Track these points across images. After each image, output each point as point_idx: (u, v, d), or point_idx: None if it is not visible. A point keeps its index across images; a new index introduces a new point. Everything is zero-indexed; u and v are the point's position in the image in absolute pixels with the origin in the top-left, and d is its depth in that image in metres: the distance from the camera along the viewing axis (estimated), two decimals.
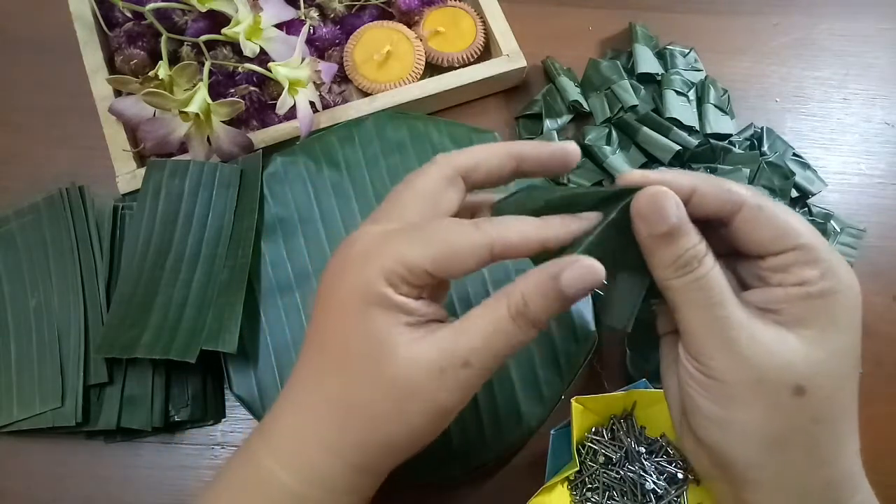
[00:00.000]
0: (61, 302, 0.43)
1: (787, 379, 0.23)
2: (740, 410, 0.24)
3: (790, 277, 0.24)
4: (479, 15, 0.53)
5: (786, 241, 0.24)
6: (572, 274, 0.24)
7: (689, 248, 0.24)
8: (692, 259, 0.24)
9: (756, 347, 0.24)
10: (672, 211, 0.24)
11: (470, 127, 0.46)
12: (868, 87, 0.55)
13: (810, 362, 0.24)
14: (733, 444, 0.24)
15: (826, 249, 0.25)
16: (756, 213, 0.25)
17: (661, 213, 0.24)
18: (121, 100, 0.45)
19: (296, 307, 0.42)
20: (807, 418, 0.24)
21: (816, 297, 0.24)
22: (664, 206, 0.24)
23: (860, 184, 0.52)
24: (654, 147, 0.48)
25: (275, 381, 0.40)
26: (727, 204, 0.25)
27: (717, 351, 0.24)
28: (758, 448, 0.24)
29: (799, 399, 0.23)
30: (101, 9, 0.49)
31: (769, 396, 0.23)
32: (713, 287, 0.24)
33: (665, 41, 0.54)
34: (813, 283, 0.24)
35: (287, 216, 0.43)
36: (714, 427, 0.25)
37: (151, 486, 0.42)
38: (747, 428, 0.24)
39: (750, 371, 0.23)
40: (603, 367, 0.45)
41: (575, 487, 0.40)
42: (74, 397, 0.41)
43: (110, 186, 0.46)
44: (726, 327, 0.24)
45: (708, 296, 0.24)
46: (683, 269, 0.24)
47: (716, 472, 0.26)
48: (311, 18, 0.51)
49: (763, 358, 0.23)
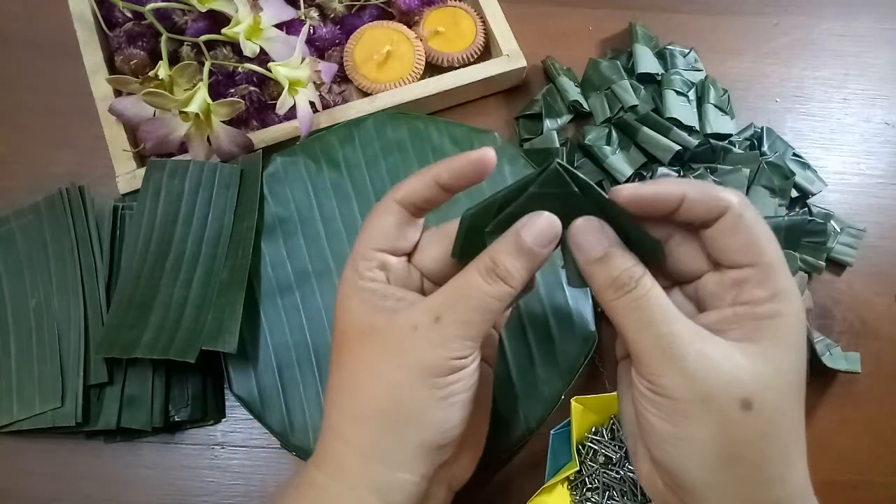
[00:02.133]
0: (61, 302, 0.43)
1: (734, 393, 0.24)
2: (691, 427, 0.24)
3: (742, 296, 0.25)
4: (479, 15, 0.53)
5: (750, 255, 0.25)
6: (529, 228, 0.26)
7: (624, 269, 0.26)
8: (628, 279, 0.25)
9: (703, 363, 0.24)
10: (601, 238, 0.26)
11: (470, 127, 0.46)
12: (868, 87, 0.55)
13: (756, 377, 0.24)
14: (686, 462, 0.25)
15: (783, 275, 0.25)
16: (736, 220, 0.26)
17: (590, 243, 0.26)
18: (121, 100, 0.45)
19: (296, 307, 0.42)
20: (755, 433, 0.24)
21: (763, 317, 0.25)
22: (594, 234, 0.26)
23: (860, 184, 0.52)
24: (654, 147, 0.48)
25: (275, 381, 0.40)
26: (714, 209, 0.26)
27: (665, 368, 0.24)
28: (710, 465, 0.24)
29: (746, 413, 0.24)
30: (101, 9, 0.49)
31: (718, 412, 0.24)
32: (653, 306, 0.25)
33: (665, 41, 0.54)
34: (761, 304, 0.25)
35: (287, 216, 0.43)
36: (668, 446, 0.25)
37: (151, 486, 0.42)
38: (699, 445, 0.24)
39: (698, 386, 0.24)
40: (603, 367, 0.45)
41: (575, 487, 0.40)
42: (74, 397, 0.41)
43: (110, 186, 0.46)
44: (672, 344, 0.24)
45: (650, 314, 0.25)
46: (621, 289, 0.25)
47: (671, 498, 0.26)
48: (311, 18, 0.51)
49: (710, 373, 0.24)
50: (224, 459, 0.43)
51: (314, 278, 0.42)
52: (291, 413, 0.40)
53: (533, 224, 0.26)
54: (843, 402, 0.46)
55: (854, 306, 0.48)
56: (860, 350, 0.46)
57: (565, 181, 0.26)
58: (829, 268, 0.49)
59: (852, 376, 0.46)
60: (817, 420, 0.45)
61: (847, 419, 0.45)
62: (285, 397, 0.40)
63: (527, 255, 0.26)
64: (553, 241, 0.27)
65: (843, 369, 0.45)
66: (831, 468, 0.44)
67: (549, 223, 0.26)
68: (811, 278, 0.48)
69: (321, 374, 0.40)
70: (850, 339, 0.47)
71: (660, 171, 0.48)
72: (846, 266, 0.49)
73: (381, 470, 0.27)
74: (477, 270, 0.27)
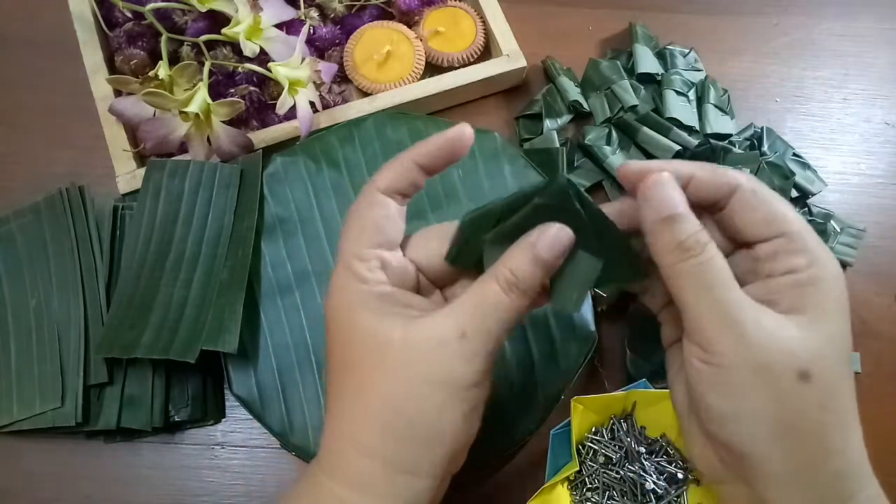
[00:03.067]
0: (61, 302, 0.43)
1: (791, 364, 0.24)
2: (748, 399, 0.24)
3: (779, 266, 0.25)
4: (479, 15, 0.53)
5: (775, 226, 0.25)
6: (544, 239, 0.26)
7: (693, 232, 0.25)
8: (695, 244, 0.25)
9: (761, 331, 0.24)
10: (677, 196, 0.25)
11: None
12: (868, 87, 0.55)
13: (811, 348, 0.24)
14: (745, 437, 0.24)
15: (812, 238, 0.25)
16: (750, 195, 0.26)
17: (667, 199, 0.25)
18: (121, 100, 0.45)
19: (295, 307, 0.42)
20: (813, 404, 0.24)
21: (806, 284, 0.25)
22: (669, 191, 0.25)
23: (860, 184, 0.52)
24: (654, 147, 0.48)
25: (274, 381, 0.40)
26: (723, 187, 0.26)
27: (722, 334, 0.24)
28: (769, 437, 0.24)
29: (804, 385, 0.24)
30: (101, 9, 0.49)
31: (775, 383, 0.24)
32: (716, 270, 0.25)
33: (665, 41, 0.54)
34: (801, 271, 0.25)
35: (287, 216, 0.43)
36: (725, 421, 0.25)
37: (151, 486, 0.42)
38: (757, 417, 0.24)
39: (755, 355, 0.24)
40: (603, 367, 0.45)
41: (575, 487, 0.40)
42: (74, 397, 0.41)
43: (110, 186, 0.46)
44: (730, 310, 0.24)
45: (712, 279, 0.24)
46: (687, 252, 0.25)
47: (729, 474, 0.26)
48: (311, 18, 0.51)
49: (767, 342, 0.24)
50: (224, 459, 0.43)
51: (314, 278, 0.42)
52: (291, 413, 0.40)
53: (548, 235, 0.26)
54: None
55: (854, 306, 0.47)
56: (860, 350, 0.46)
57: (569, 197, 0.26)
58: None
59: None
60: None
61: None
62: (285, 397, 0.40)
63: (542, 266, 0.26)
64: (566, 252, 0.27)
65: None
66: None
67: (564, 234, 0.26)
68: None
69: (321, 374, 0.40)
70: None
71: None
72: (846, 266, 0.49)
73: (410, 480, 0.27)
74: (497, 283, 0.26)
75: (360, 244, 0.28)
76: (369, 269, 0.28)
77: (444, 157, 0.29)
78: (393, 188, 0.28)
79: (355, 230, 0.28)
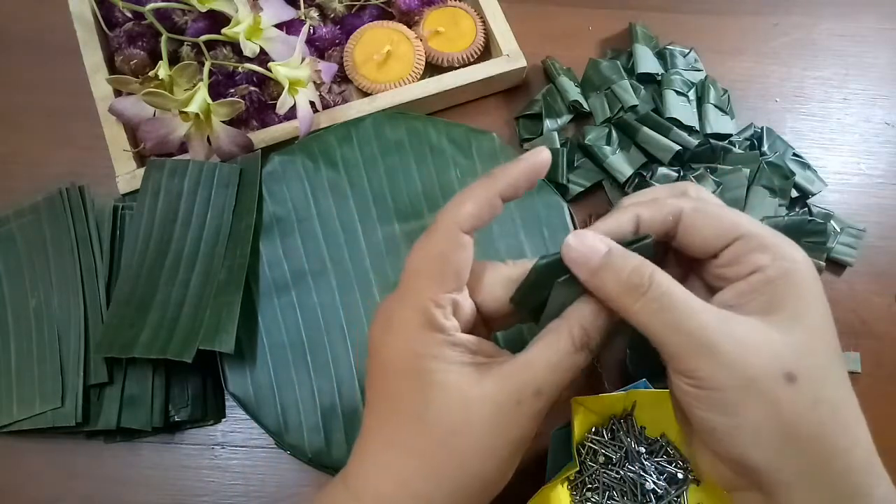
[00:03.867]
0: (61, 302, 0.43)
1: (775, 369, 0.23)
2: (742, 413, 0.24)
3: (744, 268, 0.25)
4: (479, 15, 0.53)
5: (728, 233, 0.25)
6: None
7: (630, 268, 0.25)
8: (639, 279, 0.25)
9: (737, 348, 0.23)
10: (596, 243, 0.26)
11: (468, 127, 0.46)
12: (868, 87, 0.55)
13: (793, 347, 0.24)
14: (749, 450, 0.24)
15: (769, 234, 0.25)
16: (693, 216, 0.26)
17: (585, 252, 0.26)
18: (121, 100, 0.45)
19: (292, 306, 0.42)
20: (806, 404, 0.23)
21: (775, 279, 0.24)
22: (586, 244, 0.26)
23: (860, 184, 0.52)
24: (654, 147, 0.48)
25: (270, 381, 0.40)
26: (668, 217, 0.26)
27: (701, 362, 0.24)
28: (773, 447, 0.24)
29: (793, 386, 0.23)
30: (101, 9, 0.49)
31: (764, 392, 0.23)
32: (675, 301, 0.24)
33: (665, 41, 0.54)
34: (767, 267, 0.25)
35: (284, 215, 0.43)
36: (727, 438, 0.24)
37: (151, 486, 0.42)
38: (756, 429, 0.24)
39: (740, 372, 0.23)
40: (603, 367, 0.45)
41: (575, 487, 0.40)
42: (74, 397, 0.41)
43: (110, 186, 0.46)
44: (703, 337, 0.24)
45: (673, 311, 0.24)
46: (635, 291, 0.25)
47: (743, 482, 0.26)
48: (311, 18, 0.51)
49: (748, 356, 0.23)
50: (224, 459, 0.43)
51: (311, 278, 0.42)
52: (286, 412, 0.40)
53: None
54: None
55: (854, 306, 0.48)
56: (860, 350, 0.46)
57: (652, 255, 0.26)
58: (829, 268, 0.49)
59: (852, 376, 0.45)
60: None
61: None
62: (280, 396, 0.40)
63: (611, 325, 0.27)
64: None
65: None
66: None
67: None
68: None
69: (316, 373, 0.40)
70: (849, 339, 0.47)
71: (660, 170, 0.48)
72: (846, 266, 0.49)
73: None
74: (571, 340, 0.26)
75: (440, 289, 0.27)
76: (445, 316, 0.27)
77: (526, 186, 0.28)
78: (475, 225, 0.27)
79: (436, 271, 0.27)
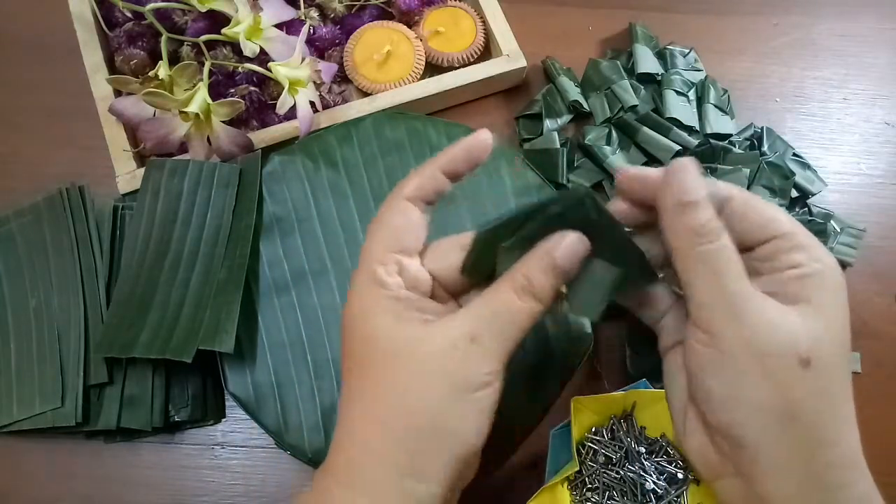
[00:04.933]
0: (61, 302, 0.43)
1: (793, 351, 0.24)
2: (749, 386, 0.25)
3: (781, 263, 0.26)
4: (479, 15, 0.53)
5: (771, 229, 0.26)
6: (561, 247, 0.27)
7: (709, 219, 0.26)
8: (711, 231, 0.26)
9: (763, 320, 0.25)
10: (698, 184, 0.26)
11: (468, 127, 0.46)
12: (868, 87, 0.55)
13: (812, 335, 0.25)
14: (745, 423, 0.25)
15: (807, 235, 0.27)
16: (742, 205, 0.27)
17: (688, 184, 0.26)
18: (121, 100, 0.45)
19: (292, 306, 0.42)
20: (812, 391, 0.24)
21: (807, 276, 0.26)
22: (691, 178, 0.26)
23: (860, 184, 0.52)
24: (654, 147, 0.48)
25: (270, 380, 0.40)
26: (716, 197, 0.27)
27: (727, 320, 0.25)
28: (768, 424, 0.25)
29: (805, 371, 0.24)
30: (101, 9, 0.49)
31: (778, 369, 0.24)
32: (728, 258, 0.25)
33: (665, 41, 0.54)
34: (804, 265, 0.26)
35: (284, 215, 0.43)
36: (724, 407, 0.25)
37: (151, 486, 0.42)
38: (756, 404, 0.25)
39: (758, 342, 0.25)
40: (603, 367, 0.45)
41: (575, 487, 0.40)
42: (74, 397, 0.41)
43: (110, 186, 0.46)
44: (737, 297, 0.25)
45: (723, 266, 0.25)
46: (703, 237, 0.26)
47: (726, 467, 0.26)
48: (311, 18, 0.51)
49: (770, 329, 0.25)
50: (224, 459, 0.43)
51: (311, 277, 0.42)
52: (286, 411, 0.40)
53: (564, 243, 0.27)
54: None
55: (854, 306, 0.47)
56: (860, 350, 0.46)
57: (587, 207, 0.26)
58: None
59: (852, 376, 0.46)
60: None
61: None
62: (280, 396, 0.40)
63: (558, 274, 0.27)
64: (581, 261, 0.27)
65: None
66: None
67: (580, 241, 0.27)
68: None
69: (316, 372, 0.40)
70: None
71: None
72: (846, 266, 0.49)
73: (416, 485, 0.27)
74: (512, 289, 0.27)
75: (381, 248, 0.29)
76: (388, 273, 0.28)
77: (465, 162, 0.29)
78: (418, 195, 0.29)
79: (377, 235, 0.29)
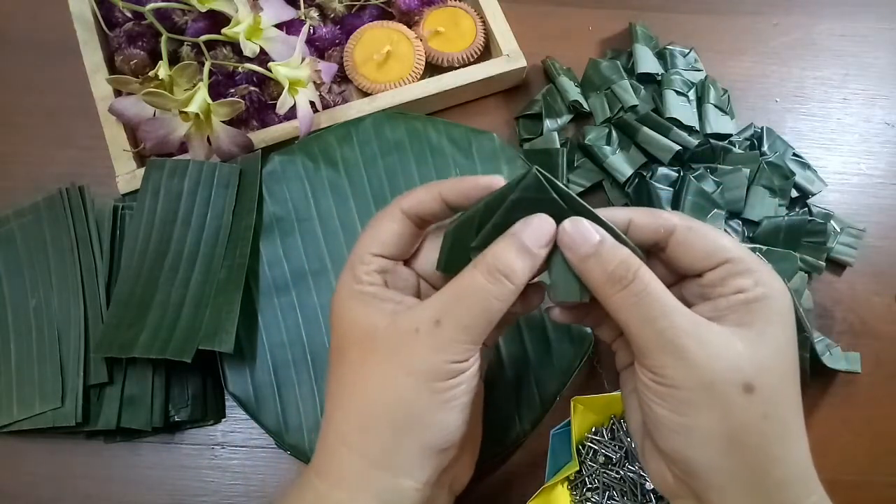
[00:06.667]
0: (61, 302, 0.43)
1: (736, 379, 0.25)
2: (696, 414, 0.25)
3: (727, 288, 0.26)
4: (479, 15, 0.53)
5: (717, 255, 0.27)
6: (526, 229, 0.27)
7: (619, 261, 0.26)
8: (625, 271, 0.26)
9: (704, 352, 0.25)
10: (591, 232, 0.26)
11: (468, 127, 0.46)
12: (868, 87, 0.55)
13: (755, 361, 0.25)
14: (695, 450, 0.25)
15: (754, 260, 0.27)
16: (687, 233, 0.27)
17: (582, 235, 0.26)
18: (121, 100, 0.45)
19: (292, 306, 0.42)
20: (757, 415, 0.25)
21: (753, 301, 0.26)
22: (583, 229, 0.26)
23: (860, 184, 0.52)
24: (654, 147, 0.48)
25: (270, 380, 0.40)
26: (660, 229, 0.27)
27: (668, 359, 0.25)
28: (715, 451, 0.25)
29: (749, 397, 0.25)
30: (101, 9, 0.49)
31: (722, 397, 0.25)
32: (653, 299, 0.25)
33: (665, 41, 0.54)
34: (749, 290, 0.26)
35: (284, 215, 0.43)
36: (675, 435, 0.26)
37: (151, 486, 0.42)
38: (704, 431, 0.25)
39: (701, 375, 0.25)
40: (603, 367, 0.45)
41: (575, 487, 0.40)
42: (74, 397, 0.41)
43: (110, 186, 0.46)
44: (673, 336, 0.25)
45: (649, 308, 0.25)
46: (619, 282, 0.26)
47: (682, 489, 0.27)
48: (311, 18, 0.51)
49: (712, 361, 0.25)
50: (224, 459, 0.43)
51: (311, 277, 0.42)
52: (286, 411, 0.40)
53: (529, 225, 0.27)
54: (844, 402, 0.46)
55: (854, 306, 0.48)
56: (860, 350, 0.46)
57: (545, 188, 0.27)
58: (829, 268, 0.49)
59: (852, 376, 0.46)
60: (818, 420, 0.45)
61: (848, 419, 0.45)
62: (280, 396, 0.40)
63: (527, 255, 0.26)
64: (550, 241, 0.27)
65: (843, 369, 0.45)
66: (833, 468, 0.44)
67: (544, 221, 0.27)
68: (811, 278, 0.48)
69: (316, 372, 0.40)
70: (850, 339, 0.47)
71: (660, 171, 0.48)
72: (846, 266, 0.49)
73: (386, 477, 0.27)
74: (478, 270, 0.26)
75: (365, 249, 0.29)
76: (366, 272, 0.29)
77: (470, 199, 0.29)
78: (414, 211, 0.30)
79: (367, 236, 0.30)
